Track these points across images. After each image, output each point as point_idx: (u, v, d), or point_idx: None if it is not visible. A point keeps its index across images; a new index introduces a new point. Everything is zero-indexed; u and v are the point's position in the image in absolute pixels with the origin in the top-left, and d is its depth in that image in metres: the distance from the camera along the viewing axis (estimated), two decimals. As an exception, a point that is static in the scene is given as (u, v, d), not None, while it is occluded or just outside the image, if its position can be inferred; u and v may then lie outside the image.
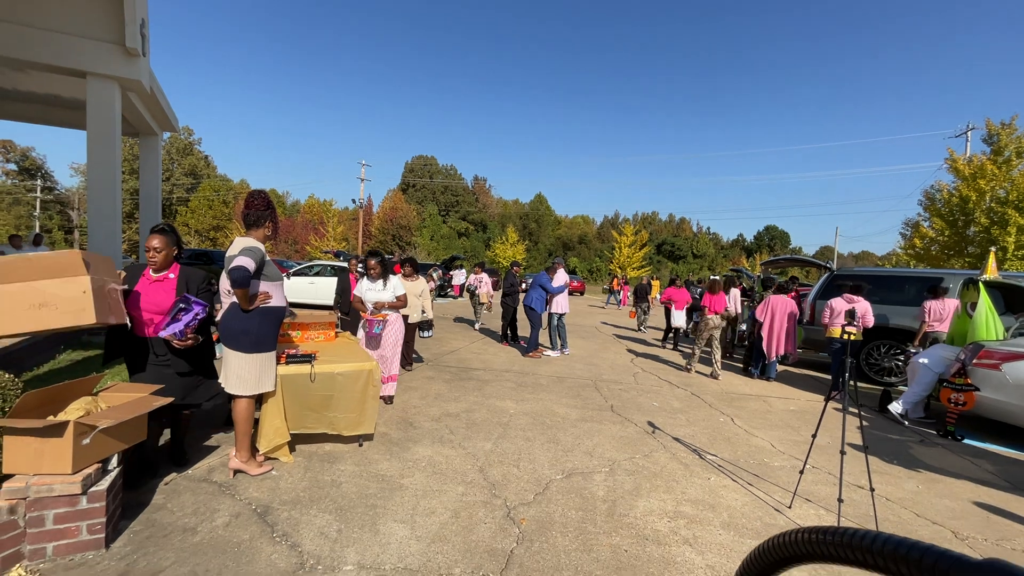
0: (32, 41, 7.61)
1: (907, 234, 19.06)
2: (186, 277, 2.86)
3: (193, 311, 2.70)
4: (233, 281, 2.70)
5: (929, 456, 4.17)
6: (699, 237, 60.08)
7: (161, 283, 2.79)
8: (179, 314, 2.67)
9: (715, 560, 2.42)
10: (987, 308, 5.13)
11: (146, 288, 2.76)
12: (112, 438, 2.31)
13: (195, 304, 2.73)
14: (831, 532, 0.44)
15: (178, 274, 2.85)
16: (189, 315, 2.69)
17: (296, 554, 2.25)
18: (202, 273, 2.94)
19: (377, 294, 4.38)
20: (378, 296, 4.37)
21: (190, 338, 2.71)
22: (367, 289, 4.44)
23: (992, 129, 15.08)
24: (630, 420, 4.64)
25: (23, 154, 43.38)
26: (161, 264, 2.78)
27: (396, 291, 4.46)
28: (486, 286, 11.05)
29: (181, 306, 2.69)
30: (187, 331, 2.68)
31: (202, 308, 2.75)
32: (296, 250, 43.30)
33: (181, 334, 2.66)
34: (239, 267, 2.67)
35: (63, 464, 2.11)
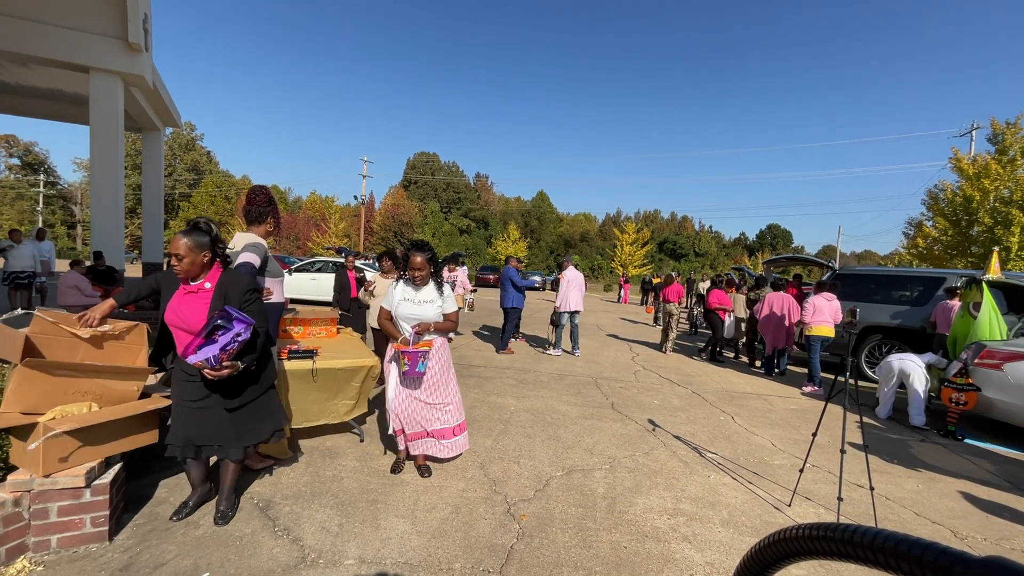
0: (35, 36, 7.61)
1: (910, 233, 18.99)
2: (225, 287, 2.26)
3: (233, 331, 2.09)
4: None
5: (929, 455, 4.17)
6: (701, 235, 59.95)
7: (195, 295, 2.25)
8: (215, 333, 2.09)
9: (714, 557, 2.43)
10: (990, 308, 5.11)
11: (179, 301, 2.25)
12: (97, 442, 2.23)
13: (236, 322, 2.11)
14: (832, 528, 0.44)
15: (216, 283, 2.26)
16: (227, 336, 2.09)
17: (298, 548, 2.26)
18: (247, 279, 2.33)
19: (419, 308, 2.87)
20: (421, 312, 2.87)
21: (226, 366, 2.09)
22: (402, 300, 2.90)
23: (997, 128, 14.98)
24: (630, 418, 4.65)
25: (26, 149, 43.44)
26: (189, 272, 2.23)
27: (448, 305, 2.99)
28: (461, 287, 9.35)
29: (219, 323, 2.08)
30: (223, 357, 2.07)
31: (245, 327, 2.12)
32: (298, 246, 43.34)
33: (215, 360, 2.05)
34: (245, 263, 2.69)
35: (35, 465, 2.06)
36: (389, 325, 2.97)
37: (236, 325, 2.10)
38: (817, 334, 6.41)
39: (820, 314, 6.36)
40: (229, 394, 2.34)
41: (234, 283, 2.29)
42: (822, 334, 6.40)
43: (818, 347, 6.48)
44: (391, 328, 2.95)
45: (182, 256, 2.20)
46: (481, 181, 62.30)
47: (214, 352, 2.04)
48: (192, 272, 2.23)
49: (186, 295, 2.25)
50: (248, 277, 2.25)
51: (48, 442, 2.04)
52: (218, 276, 2.29)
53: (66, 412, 2.20)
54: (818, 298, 6.43)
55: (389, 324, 2.97)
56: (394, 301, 2.92)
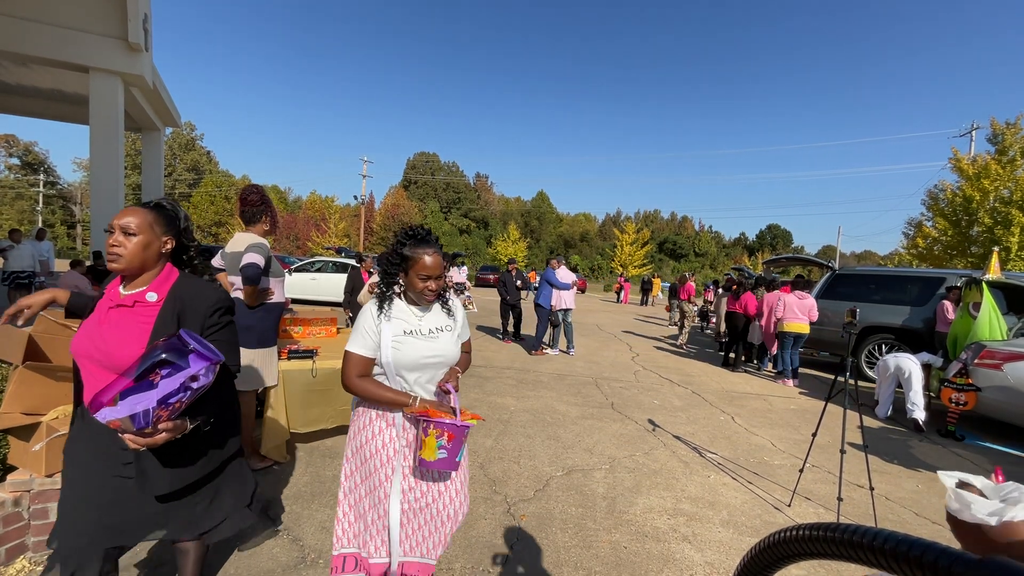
0: (35, 36, 7.61)
1: (910, 234, 19.00)
2: (181, 300, 1.42)
3: (186, 371, 1.20)
4: (246, 278, 2.71)
5: (929, 455, 4.17)
6: (701, 235, 59.96)
7: (129, 312, 1.37)
8: (154, 374, 1.19)
9: (714, 557, 2.43)
10: (990, 308, 5.12)
11: (100, 319, 1.37)
12: None
13: (195, 357, 1.23)
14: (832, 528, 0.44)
15: (168, 294, 1.41)
16: (174, 380, 1.18)
17: (298, 548, 2.26)
18: (215, 294, 1.48)
19: (434, 343, 1.63)
20: (440, 349, 1.63)
21: (164, 429, 1.20)
22: (401, 336, 1.58)
23: (997, 129, 14.98)
24: (630, 418, 4.65)
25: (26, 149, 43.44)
26: (132, 264, 1.36)
27: (464, 330, 1.79)
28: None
29: (161, 357, 1.19)
30: (162, 413, 1.17)
31: (207, 367, 1.23)
32: (298, 246, 43.32)
33: (147, 419, 1.15)
34: (252, 264, 2.69)
35: (38, 466, 2.05)
36: (377, 388, 1.55)
37: (194, 363, 1.19)
38: (789, 331, 6.69)
39: (791, 311, 6.68)
40: (172, 462, 1.40)
41: (196, 295, 1.43)
42: (794, 330, 6.67)
43: (790, 343, 6.76)
44: (383, 392, 1.55)
45: (132, 230, 1.35)
46: (481, 181, 62.32)
47: (147, 404, 1.12)
48: (135, 266, 1.37)
49: (113, 309, 1.37)
50: (217, 292, 1.45)
51: (52, 443, 2.04)
52: (170, 285, 1.42)
53: (68, 412, 2.20)
54: (790, 296, 6.76)
55: (375, 386, 1.55)
56: (384, 341, 1.55)
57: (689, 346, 9.86)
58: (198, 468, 1.48)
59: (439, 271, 1.57)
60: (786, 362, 6.81)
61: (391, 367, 1.56)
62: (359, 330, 1.58)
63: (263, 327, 2.89)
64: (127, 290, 1.41)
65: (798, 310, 6.66)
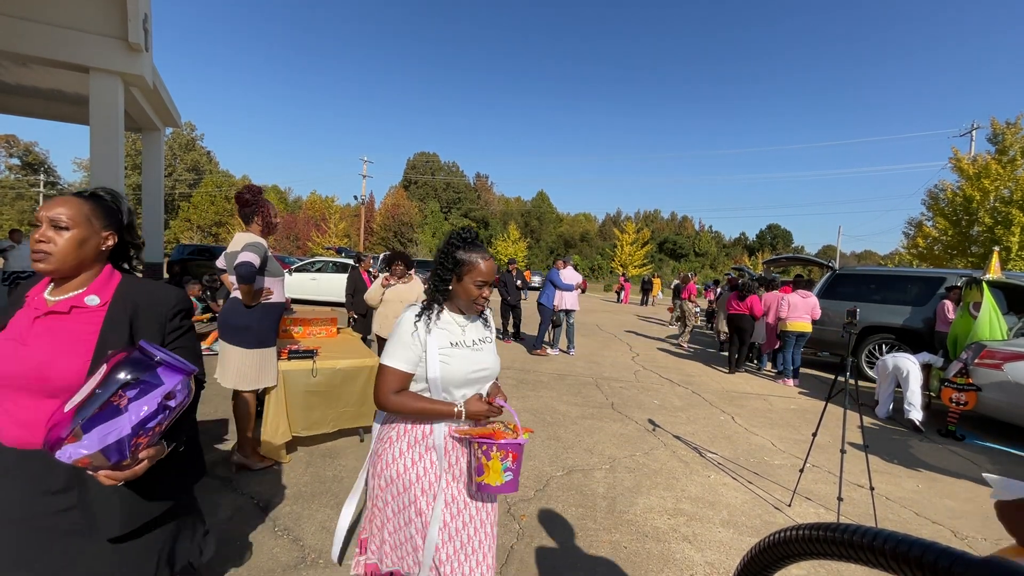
0: (35, 36, 7.61)
1: (910, 233, 18.98)
2: (134, 306, 1.18)
3: (160, 388, 0.98)
4: (239, 277, 2.69)
5: (929, 455, 4.17)
6: (701, 235, 59.95)
7: (63, 319, 1.12)
8: (119, 396, 0.94)
9: (714, 557, 2.43)
10: (991, 308, 5.12)
11: (22, 333, 1.10)
12: None
13: (166, 371, 1.00)
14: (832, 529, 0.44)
15: (115, 296, 1.18)
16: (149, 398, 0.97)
17: (298, 548, 2.26)
18: (172, 293, 1.27)
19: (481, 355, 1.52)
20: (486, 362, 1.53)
21: (147, 456, 1.00)
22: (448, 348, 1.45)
23: (997, 128, 14.98)
24: (630, 418, 4.65)
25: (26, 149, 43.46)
26: (63, 264, 1.12)
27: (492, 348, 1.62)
28: None
29: (125, 376, 0.95)
30: (141, 441, 0.97)
31: (181, 380, 1.02)
32: (298, 246, 43.33)
33: (124, 450, 0.94)
34: (245, 263, 2.67)
35: None
36: (419, 401, 1.41)
37: (167, 377, 0.99)
38: (792, 330, 6.71)
39: (795, 310, 6.70)
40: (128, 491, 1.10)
41: (152, 297, 1.21)
42: (797, 330, 6.69)
43: (792, 342, 6.77)
44: (429, 405, 1.41)
45: (64, 223, 1.10)
46: (481, 181, 62.35)
47: (120, 433, 0.93)
48: (68, 266, 1.12)
49: (41, 319, 1.10)
50: (174, 291, 1.26)
51: None
52: (115, 286, 1.18)
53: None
54: (794, 295, 6.77)
55: (416, 400, 1.42)
56: (431, 354, 1.41)
57: (689, 346, 9.86)
58: (161, 499, 1.17)
59: (493, 277, 1.47)
60: (787, 361, 6.84)
61: (438, 383, 1.40)
62: (399, 342, 1.41)
63: (261, 327, 2.88)
64: (57, 295, 1.14)
65: (803, 310, 6.70)
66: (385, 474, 1.45)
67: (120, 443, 0.94)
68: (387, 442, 1.47)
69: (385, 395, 1.40)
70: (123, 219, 1.26)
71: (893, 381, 5.21)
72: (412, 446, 1.44)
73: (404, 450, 1.44)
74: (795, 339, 6.77)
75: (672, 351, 9.23)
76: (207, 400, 4.23)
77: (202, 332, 6.06)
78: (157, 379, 0.99)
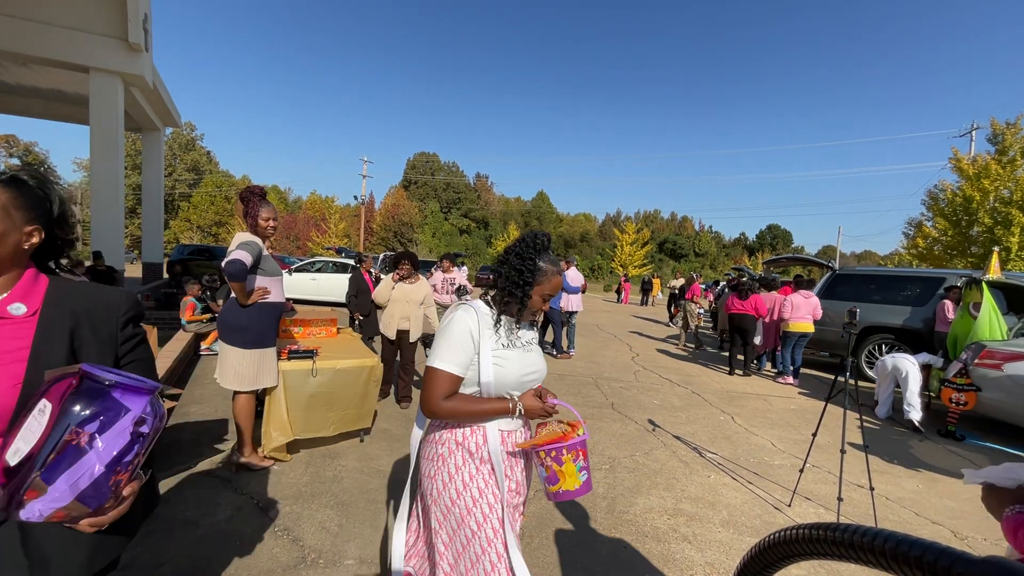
0: (35, 36, 7.61)
1: (910, 234, 18.99)
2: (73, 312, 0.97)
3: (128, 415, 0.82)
4: (228, 275, 2.68)
5: (929, 455, 4.17)
6: (701, 235, 59.95)
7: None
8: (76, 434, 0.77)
9: (714, 557, 2.43)
10: (991, 308, 5.12)
11: None
12: None
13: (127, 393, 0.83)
14: (832, 529, 0.44)
15: (46, 302, 0.96)
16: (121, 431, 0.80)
17: (298, 548, 2.26)
18: (123, 298, 1.06)
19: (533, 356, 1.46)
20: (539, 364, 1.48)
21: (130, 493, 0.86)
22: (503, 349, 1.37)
23: (997, 129, 14.98)
24: (630, 418, 4.65)
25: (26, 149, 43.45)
26: None
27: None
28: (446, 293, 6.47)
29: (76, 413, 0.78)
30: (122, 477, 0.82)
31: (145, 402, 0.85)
32: (298, 246, 43.32)
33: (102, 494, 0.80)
34: (234, 260, 2.66)
35: None
36: (472, 403, 1.32)
37: (129, 401, 0.84)
38: (795, 330, 6.73)
39: (798, 311, 6.71)
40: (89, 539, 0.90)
41: (96, 303, 1.01)
42: (800, 330, 6.72)
43: (793, 342, 6.81)
44: (484, 406, 1.32)
45: None
46: (481, 181, 62.33)
47: (91, 474, 0.78)
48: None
49: None
50: (123, 295, 1.06)
51: None
52: (44, 292, 0.98)
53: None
54: (796, 296, 6.79)
55: (469, 402, 1.32)
56: (484, 356, 1.33)
57: (689, 346, 9.86)
58: (126, 534, 0.99)
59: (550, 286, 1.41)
60: (787, 361, 6.85)
61: (491, 387, 1.32)
62: (452, 343, 1.31)
63: (259, 327, 2.87)
64: None
65: (806, 310, 6.72)
66: (444, 497, 1.31)
67: (97, 485, 0.79)
68: (438, 460, 1.34)
69: (436, 401, 1.28)
70: (52, 210, 1.02)
71: (892, 381, 5.22)
72: (467, 460, 1.32)
73: (460, 465, 1.32)
74: (797, 339, 6.79)
75: (672, 351, 9.22)
76: (207, 400, 4.23)
77: (202, 332, 6.06)
78: (118, 406, 0.82)
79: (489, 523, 1.27)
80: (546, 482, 1.30)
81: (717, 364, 8.05)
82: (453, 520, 1.30)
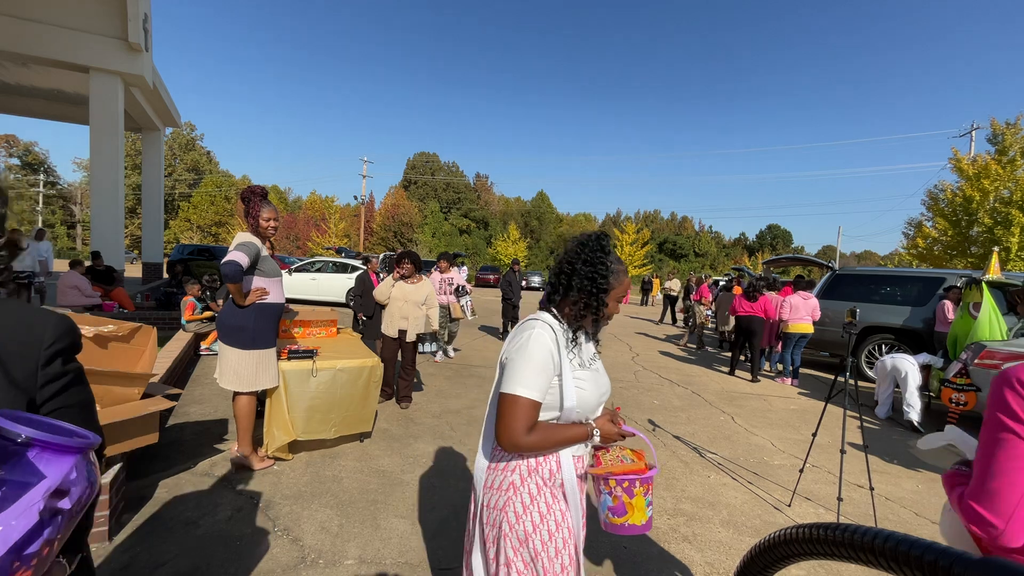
0: (36, 36, 7.61)
1: (910, 234, 18.98)
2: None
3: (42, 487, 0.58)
4: (225, 275, 2.68)
5: (929, 455, 4.16)
6: (701, 236, 59.96)
7: None
8: None
9: (714, 557, 2.43)
10: (991, 308, 5.11)
11: None
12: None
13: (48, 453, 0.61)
14: (832, 529, 0.44)
15: None
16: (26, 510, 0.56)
17: (297, 548, 2.26)
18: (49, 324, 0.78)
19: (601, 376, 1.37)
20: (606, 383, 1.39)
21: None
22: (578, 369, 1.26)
23: (997, 129, 14.98)
24: (630, 418, 4.65)
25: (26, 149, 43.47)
26: None
27: None
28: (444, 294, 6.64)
29: None
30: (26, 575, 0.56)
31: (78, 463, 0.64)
32: (298, 246, 43.31)
33: None
34: (230, 262, 2.65)
35: None
36: (556, 431, 1.20)
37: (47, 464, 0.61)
38: (794, 331, 6.72)
39: (796, 312, 6.71)
40: None
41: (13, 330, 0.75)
42: (799, 331, 6.71)
43: (793, 343, 6.80)
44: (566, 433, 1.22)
45: None
46: (481, 181, 62.31)
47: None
48: None
49: None
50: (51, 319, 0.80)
51: None
52: None
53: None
54: (795, 297, 6.78)
55: (553, 430, 1.20)
56: (567, 378, 1.21)
57: (690, 346, 9.86)
58: None
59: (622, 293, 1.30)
60: (787, 361, 6.84)
61: (573, 413, 1.21)
62: (535, 366, 1.15)
63: (257, 328, 2.86)
64: None
65: (804, 311, 6.72)
66: (518, 529, 1.18)
67: None
68: (510, 490, 1.21)
69: (520, 434, 1.12)
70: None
71: (892, 382, 5.22)
72: (541, 489, 1.21)
73: (534, 495, 1.21)
74: (796, 340, 6.79)
75: (672, 351, 9.23)
76: (207, 400, 4.23)
77: (202, 332, 6.06)
78: (30, 472, 0.60)
79: (562, 557, 1.21)
80: (610, 512, 1.22)
81: (717, 364, 8.05)
82: (527, 553, 1.19)
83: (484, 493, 1.25)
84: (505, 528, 1.19)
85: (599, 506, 1.27)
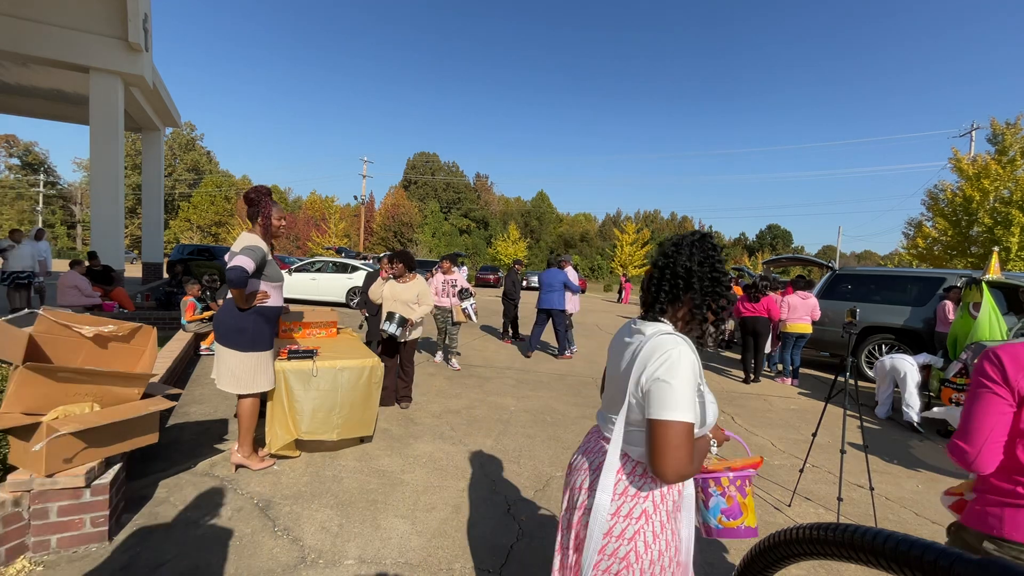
0: (36, 36, 7.61)
1: (910, 234, 18.99)
2: None
3: None
4: (230, 281, 2.66)
5: (929, 455, 4.17)
6: (701, 235, 59.88)
7: None
8: None
9: (714, 557, 2.43)
10: (990, 308, 5.11)
11: None
12: (99, 443, 2.22)
13: None
14: (832, 529, 0.44)
15: None
16: None
17: (297, 548, 2.26)
18: None
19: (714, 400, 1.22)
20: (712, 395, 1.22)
21: None
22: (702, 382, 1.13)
23: (997, 129, 14.98)
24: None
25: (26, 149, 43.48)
26: None
27: None
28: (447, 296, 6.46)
29: None
30: None
31: None
32: (298, 246, 43.31)
33: None
34: (237, 267, 2.64)
35: (38, 465, 2.05)
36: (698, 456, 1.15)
37: None
38: (793, 331, 6.72)
39: (795, 312, 6.70)
40: None
41: None
42: (798, 331, 6.70)
43: (792, 343, 6.79)
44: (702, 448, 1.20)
45: None
46: (481, 181, 62.30)
47: None
48: None
49: None
50: None
51: (52, 443, 2.04)
52: None
53: (68, 412, 2.21)
54: (793, 297, 6.77)
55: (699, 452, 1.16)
56: (708, 397, 1.16)
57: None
58: None
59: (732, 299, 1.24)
60: (786, 362, 6.83)
61: (707, 429, 1.18)
62: (688, 386, 1.05)
63: (256, 330, 2.86)
64: None
65: (803, 311, 6.71)
66: (644, 560, 1.13)
67: None
68: (641, 518, 1.13)
69: (687, 463, 1.03)
70: None
71: (892, 382, 5.22)
72: (671, 514, 1.17)
73: (665, 521, 1.15)
74: (795, 340, 6.78)
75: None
76: (207, 400, 4.23)
77: (202, 332, 6.06)
78: None
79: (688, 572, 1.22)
80: (724, 515, 1.18)
81: (717, 364, 8.05)
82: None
83: (609, 521, 1.15)
84: (631, 557, 1.12)
85: (707, 513, 1.24)
